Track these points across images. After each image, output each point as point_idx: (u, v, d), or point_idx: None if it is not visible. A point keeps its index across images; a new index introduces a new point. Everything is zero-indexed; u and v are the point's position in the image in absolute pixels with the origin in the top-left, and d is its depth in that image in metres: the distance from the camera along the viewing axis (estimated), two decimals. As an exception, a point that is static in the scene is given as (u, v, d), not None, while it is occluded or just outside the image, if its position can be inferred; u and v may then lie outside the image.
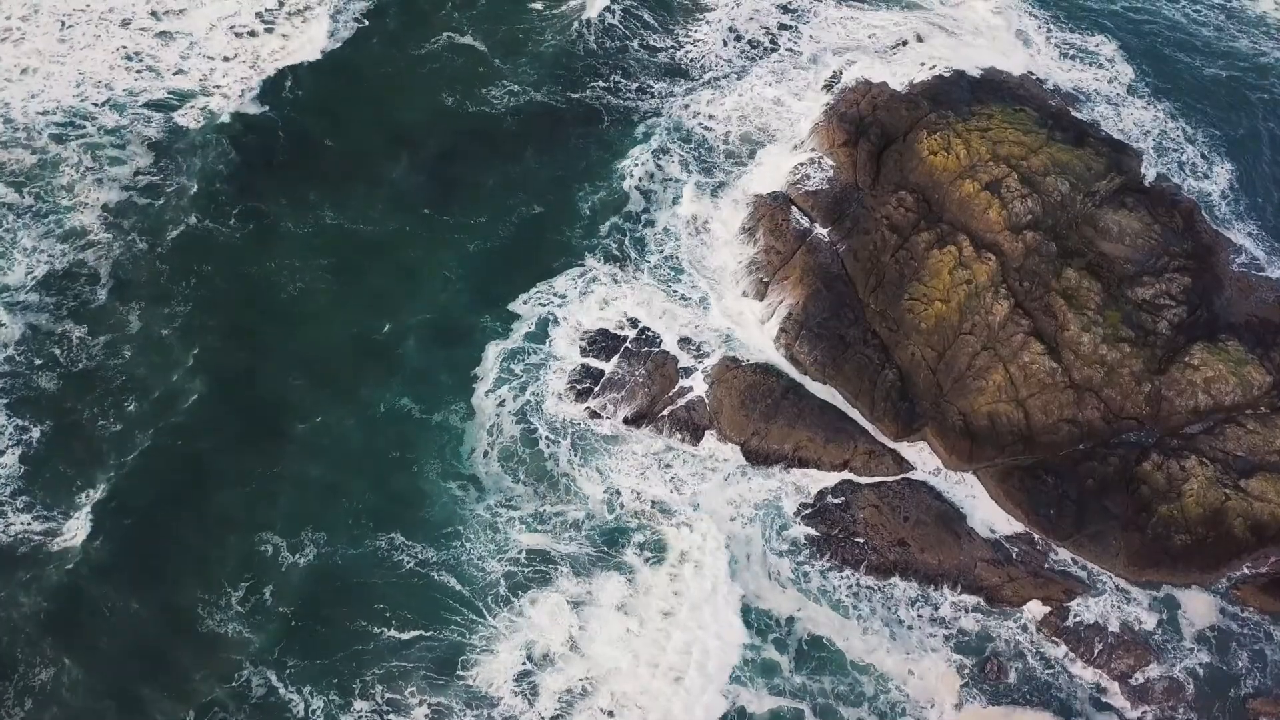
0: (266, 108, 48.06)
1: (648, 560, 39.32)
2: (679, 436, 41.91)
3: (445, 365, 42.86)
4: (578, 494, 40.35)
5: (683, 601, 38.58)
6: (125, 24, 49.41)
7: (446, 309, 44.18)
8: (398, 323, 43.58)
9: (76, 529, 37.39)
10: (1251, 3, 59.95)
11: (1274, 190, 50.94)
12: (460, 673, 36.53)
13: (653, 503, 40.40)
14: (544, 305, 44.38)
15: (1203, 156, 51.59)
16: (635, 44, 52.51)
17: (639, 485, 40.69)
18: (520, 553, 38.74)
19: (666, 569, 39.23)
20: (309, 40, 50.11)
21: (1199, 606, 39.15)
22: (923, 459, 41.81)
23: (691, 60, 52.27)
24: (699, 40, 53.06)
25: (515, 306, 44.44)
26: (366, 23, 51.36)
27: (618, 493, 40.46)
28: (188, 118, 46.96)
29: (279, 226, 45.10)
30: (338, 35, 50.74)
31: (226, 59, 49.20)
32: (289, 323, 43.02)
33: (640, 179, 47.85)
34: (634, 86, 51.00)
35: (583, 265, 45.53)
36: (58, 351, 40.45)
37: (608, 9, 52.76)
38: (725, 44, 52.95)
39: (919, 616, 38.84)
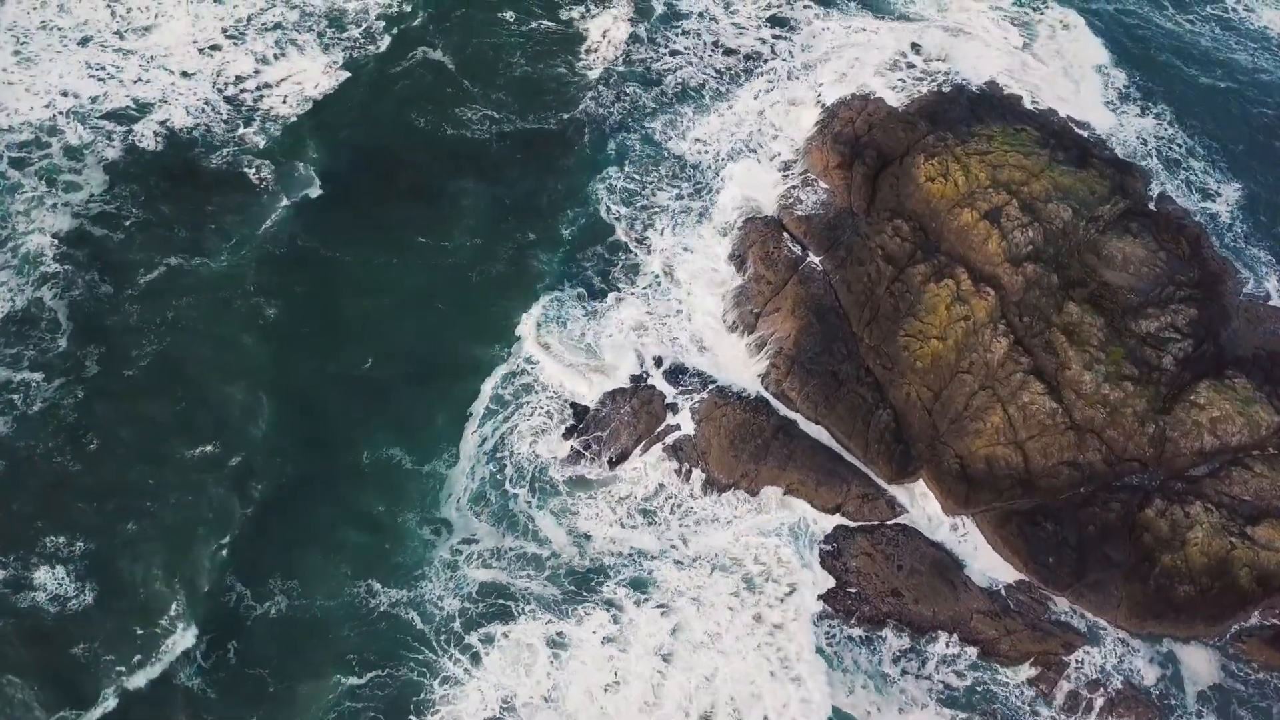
0: (235, 128, 45.81)
1: (628, 597, 37.81)
2: (665, 477, 40.26)
3: (432, 404, 41.02)
4: (550, 536, 38.74)
5: (680, 645, 37.13)
6: (85, 42, 47.03)
7: (436, 342, 42.31)
8: (388, 359, 41.61)
9: (38, 576, 35.74)
10: (1249, 14, 58.02)
11: (1280, 212, 49.43)
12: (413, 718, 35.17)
13: (631, 547, 38.85)
14: (531, 337, 42.34)
15: (1208, 175, 50.01)
16: (619, 56, 50.26)
17: (619, 530, 39.07)
18: (484, 592, 37.26)
19: (655, 609, 37.78)
20: (284, 61, 47.72)
21: (1202, 661, 37.80)
22: (918, 502, 40.27)
23: (676, 74, 49.95)
24: (684, 52, 50.74)
25: (503, 339, 42.52)
26: (342, 41, 48.90)
27: (587, 536, 38.79)
28: (148, 138, 44.67)
29: (255, 258, 42.72)
30: (315, 57, 48.18)
31: (187, 74, 46.82)
32: (271, 362, 40.76)
33: (628, 204, 45.85)
34: (614, 97, 48.85)
35: (567, 295, 43.59)
36: (16, 398, 38.42)
37: (594, 30, 50.43)
38: (712, 57, 50.58)
39: (903, 671, 37.35)
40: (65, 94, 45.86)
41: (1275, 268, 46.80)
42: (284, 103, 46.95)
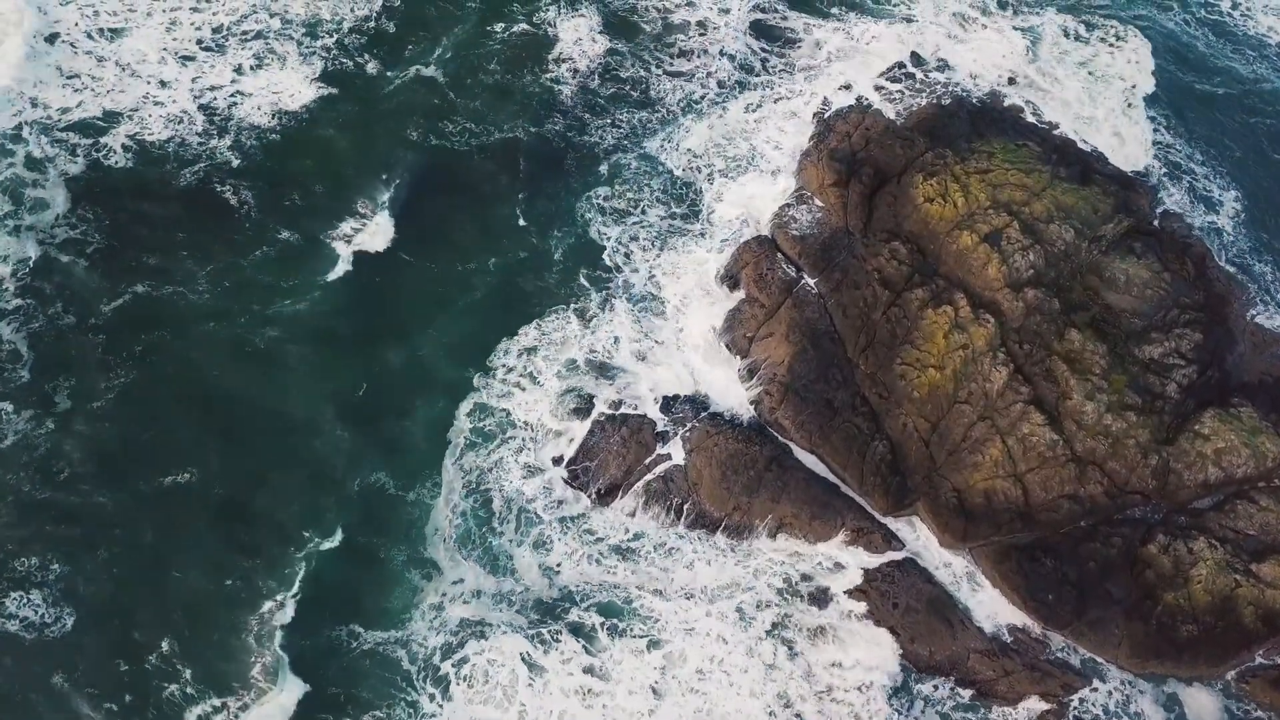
0: (209, 141, 43.96)
1: (605, 626, 36.84)
2: (654, 511, 39.07)
3: (417, 432, 39.79)
4: (530, 572, 37.63)
5: (670, 682, 36.20)
6: (52, 39, 45.03)
7: (422, 367, 40.92)
8: (373, 384, 40.27)
9: (15, 606, 34.76)
10: (1245, 19, 56.62)
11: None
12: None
13: (619, 580, 37.73)
14: (519, 363, 41.09)
15: (1211, 184, 48.81)
16: (609, 69, 48.46)
17: (605, 567, 37.93)
18: (464, 629, 36.21)
19: (642, 644, 36.78)
20: (262, 72, 45.68)
21: (1205, 703, 36.91)
22: (915, 535, 39.15)
23: (667, 86, 48.23)
24: (675, 63, 48.92)
25: (490, 364, 41.15)
26: (319, 51, 47.00)
27: (557, 569, 37.66)
28: (116, 153, 42.72)
29: (235, 283, 40.98)
30: (294, 68, 46.13)
31: (164, 83, 44.97)
32: (248, 390, 39.32)
33: (618, 222, 44.33)
34: (609, 120, 47.14)
35: (556, 317, 42.15)
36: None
37: (578, 41, 48.67)
38: (705, 68, 48.71)
39: (898, 712, 36.31)
40: (34, 104, 44.12)
41: (1281, 286, 45.77)
42: (258, 110, 45.13)
